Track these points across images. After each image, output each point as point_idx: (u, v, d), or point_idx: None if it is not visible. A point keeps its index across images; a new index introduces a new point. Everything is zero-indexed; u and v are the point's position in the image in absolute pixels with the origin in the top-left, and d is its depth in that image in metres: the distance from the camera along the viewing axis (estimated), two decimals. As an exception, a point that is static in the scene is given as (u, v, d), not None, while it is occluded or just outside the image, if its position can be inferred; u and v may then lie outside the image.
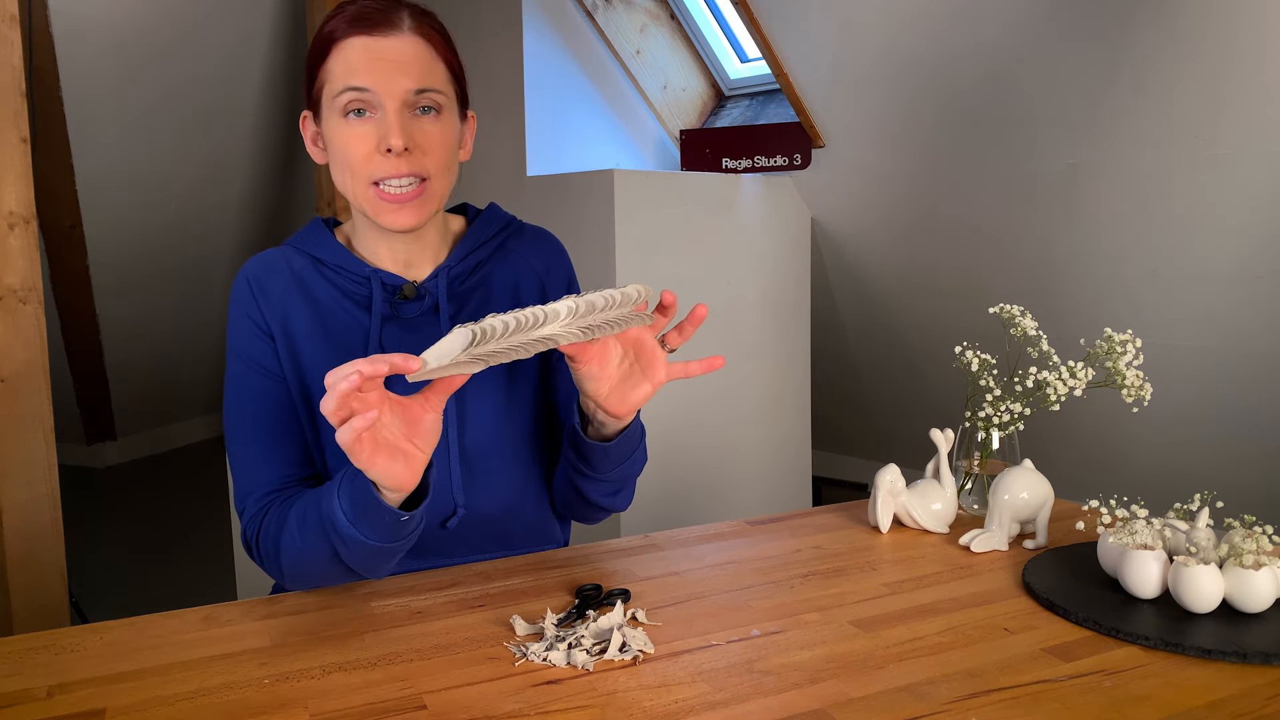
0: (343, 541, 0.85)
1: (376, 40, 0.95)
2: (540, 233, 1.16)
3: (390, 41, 0.95)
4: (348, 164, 0.97)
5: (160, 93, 3.60)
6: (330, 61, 0.96)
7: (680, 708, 0.74)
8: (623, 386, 0.92)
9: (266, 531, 0.95)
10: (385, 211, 0.98)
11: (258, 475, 0.99)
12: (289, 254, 1.06)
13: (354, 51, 0.95)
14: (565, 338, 0.83)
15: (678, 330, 0.91)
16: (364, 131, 0.96)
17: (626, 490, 1.08)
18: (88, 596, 2.59)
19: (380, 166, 0.96)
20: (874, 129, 2.83)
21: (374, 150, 0.96)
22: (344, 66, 0.95)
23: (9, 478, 1.81)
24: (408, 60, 0.95)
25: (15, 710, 0.74)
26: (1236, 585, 0.88)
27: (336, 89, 0.96)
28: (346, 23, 0.96)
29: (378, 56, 0.95)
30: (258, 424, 1.00)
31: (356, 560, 0.87)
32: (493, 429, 1.05)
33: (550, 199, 2.78)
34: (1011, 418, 1.19)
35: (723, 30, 3.38)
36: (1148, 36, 2.14)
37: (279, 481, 0.99)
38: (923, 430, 1.23)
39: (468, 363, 0.78)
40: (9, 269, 1.80)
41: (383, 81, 0.94)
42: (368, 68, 0.94)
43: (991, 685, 0.77)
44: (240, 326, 1.02)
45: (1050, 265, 2.67)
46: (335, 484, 0.86)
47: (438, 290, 1.05)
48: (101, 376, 4.08)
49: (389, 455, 0.78)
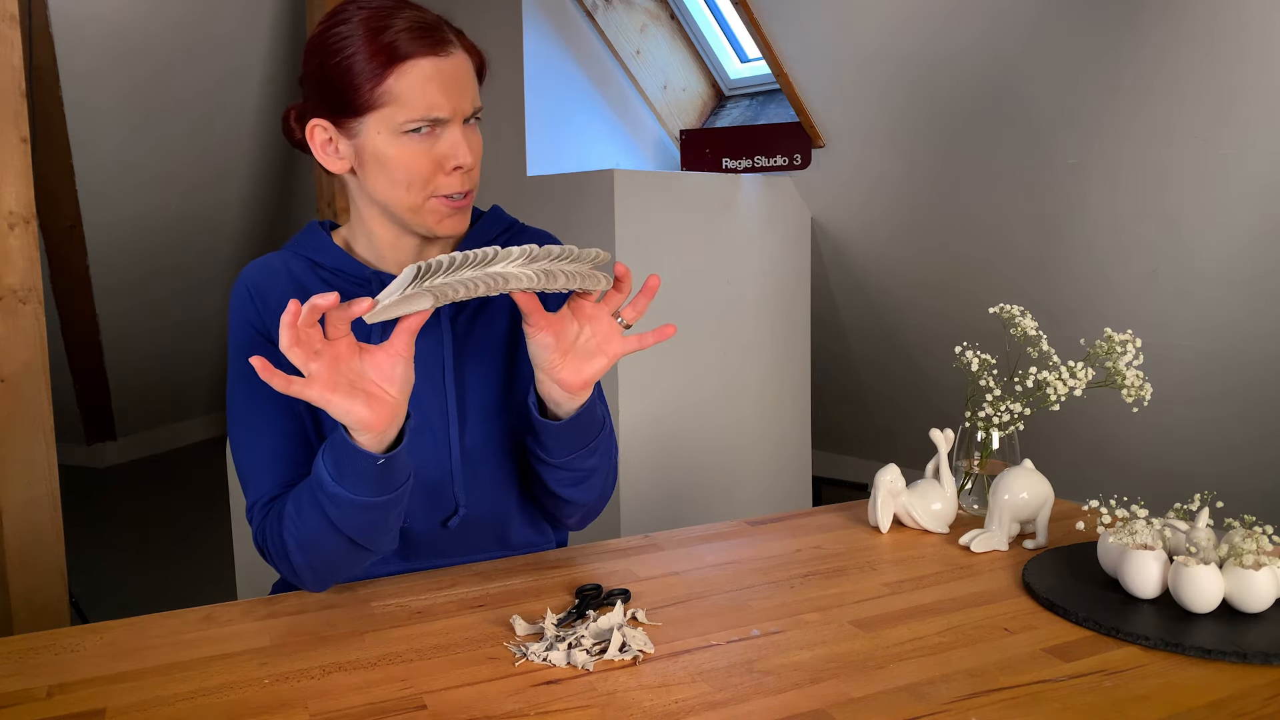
0: (332, 502, 0.87)
1: (444, 61, 0.94)
2: (542, 235, 1.16)
3: (453, 61, 0.95)
4: (409, 179, 0.96)
5: (160, 92, 3.59)
6: (395, 81, 0.93)
7: (680, 708, 0.74)
8: (577, 358, 0.94)
9: (272, 528, 0.95)
10: (445, 218, 0.99)
11: (264, 481, 0.99)
12: (287, 258, 1.06)
13: (426, 75, 0.93)
14: (521, 278, 0.84)
15: (632, 305, 0.93)
16: (426, 149, 0.95)
17: (590, 484, 1.05)
18: (88, 596, 2.59)
19: (444, 183, 0.97)
20: (874, 129, 2.83)
21: (435, 165, 0.96)
22: (417, 91, 0.93)
23: (9, 478, 1.81)
24: (465, 80, 0.96)
25: (15, 710, 0.74)
26: (1236, 585, 0.88)
27: (411, 115, 0.93)
28: (409, 40, 0.93)
29: (448, 80, 0.94)
30: (261, 429, 1.00)
31: (352, 524, 0.88)
32: (494, 428, 1.05)
33: (550, 199, 2.78)
34: (1011, 418, 1.19)
35: (723, 30, 3.38)
36: (1149, 36, 2.14)
37: (284, 485, 0.99)
38: (923, 430, 1.23)
39: (420, 295, 0.79)
40: (9, 269, 1.80)
41: (455, 104, 0.95)
42: (443, 94, 0.94)
43: (991, 685, 0.77)
44: (241, 333, 1.02)
45: (1051, 265, 2.67)
46: (320, 450, 0.88)
47: None
48: (101, 376, 4.08)
49: (347, 394, 0.82)
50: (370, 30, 0.93)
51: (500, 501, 1.07)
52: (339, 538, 0.89)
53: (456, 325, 1.06)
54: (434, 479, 1.02)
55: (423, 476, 1.01)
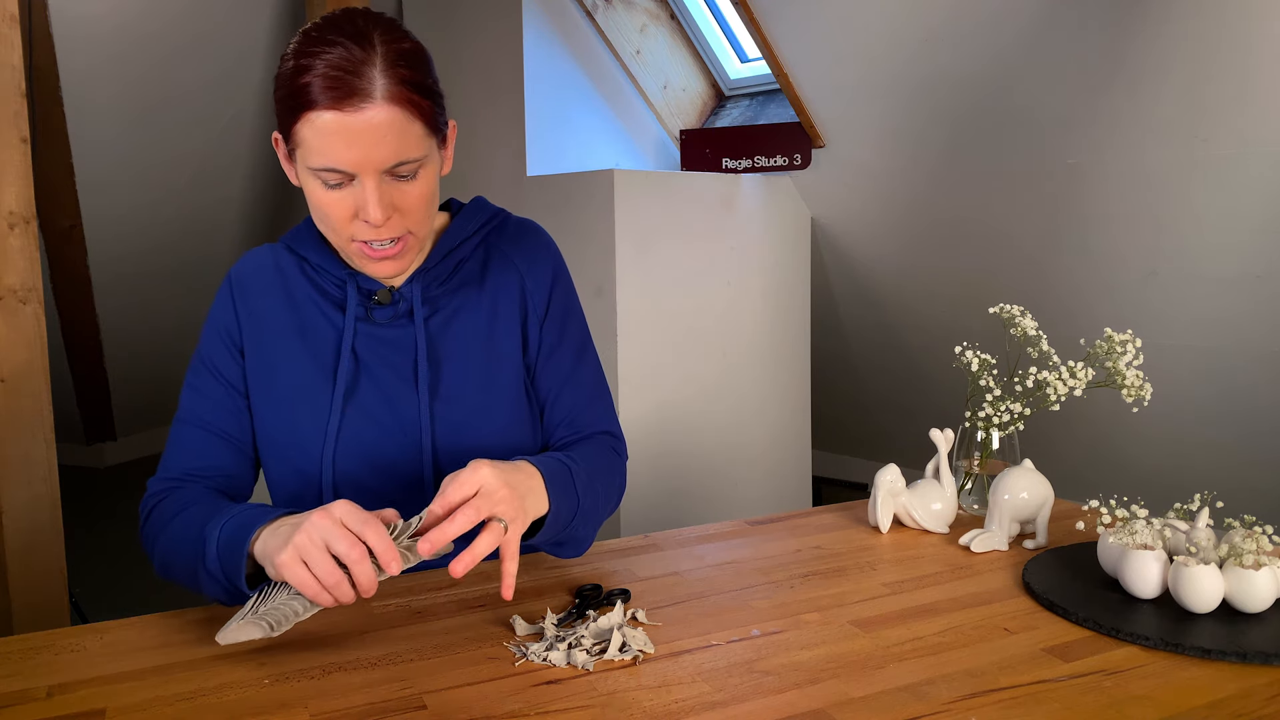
0: (204, 566, 0.88)
1: (349, 116, 0.88)
2: (524, 226, 1.13)
3: (363, 116, 0.88)
4: (327, 223, 0.96)
5: (160, 92, 3.59)
6: (302, 129, 0.90)
7: (680, 708, 0.74)
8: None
9: (159, 514, 0.98)
10: (369, 264, 0.99)
11: (179, 457, 1.03)
12: (278, 251, 1.08)
13: (327, 128, 0.89)
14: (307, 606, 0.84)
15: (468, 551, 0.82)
16: (341, 197, 0.93)
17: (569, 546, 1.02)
18: (88, 596, 2.59)
19: (360, 230, 0.95)
20: (874, 129, 2.83)
21: (351, 214, 0.94)
22: (318, 142, 0.90)
23: (9, 478, 1.81)
24: (384, 135, 0.89)
25: (15, 710, 0.74)
26: (1236, 585, 0.88)
27: (313, 163, 0.91)
28: (321, 89, 0.88)
29: (354, 135, 0.89)
30: (195, 416, 1.04)
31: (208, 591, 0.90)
32: (469, 431, 1.04)
33: (550, 199, 2.78)
34: (1011, 418, 1.18)
35: (723, 30, 3.38)
36: (1149, 36, 2.14)
37: (193, 471, 1.02)
38: (923, 430, 1.23)
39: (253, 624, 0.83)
40: (9, 269, 1.80)
41: (359, 160, 0.90)
42: (345, 147, 0.89)
43: (991, 685, 0.77)
44: (211, 332, 1.06)
45: (1050, 265, 2.67)
46: (225, 517, 0.88)
47: (413, 295, 1.05)
48: (101, 376, 4.08)
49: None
50: (295, 69, 0.90)
51: None
52: (194, 580, 0.91)
53: (430, 325, 1.05)
54: (407, 482, 1.02)
55: (396, 479, 1.02)
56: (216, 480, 1.03)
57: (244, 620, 0.81)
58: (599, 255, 2.60)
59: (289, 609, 0.83)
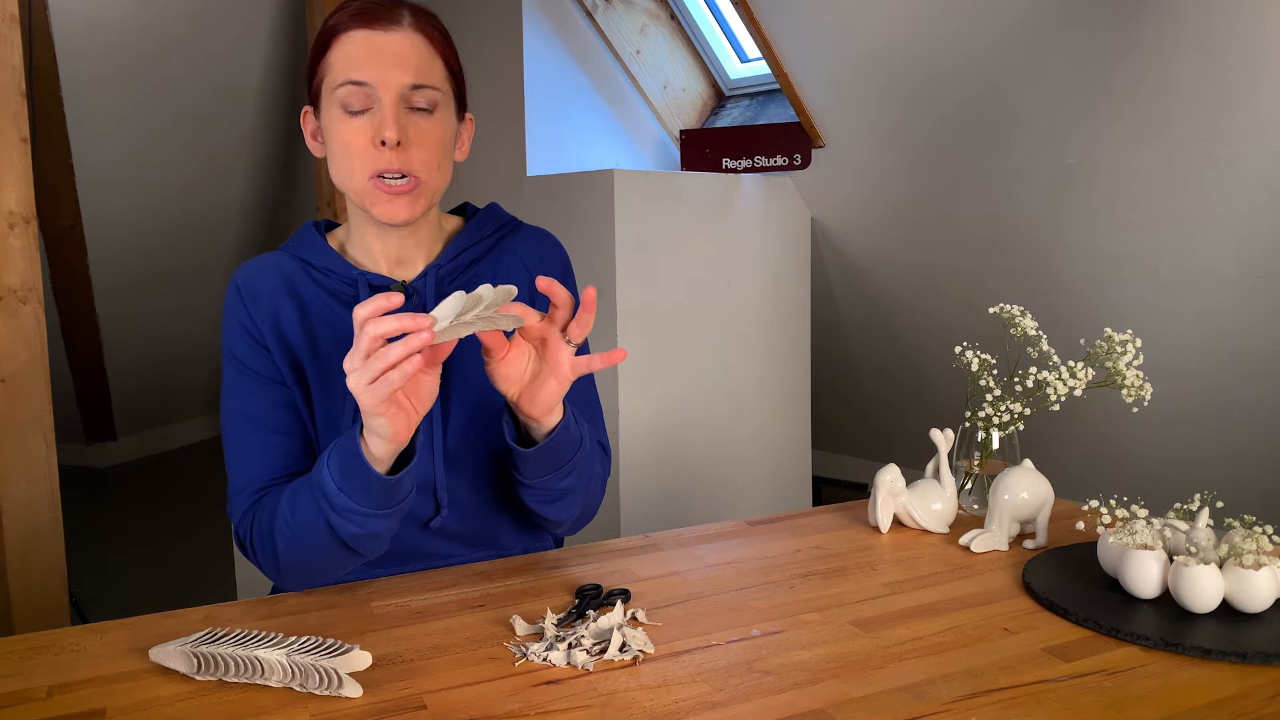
0: (335, 509, 0.88)
1: (376, 34, 0.96)
2: (538, 232, 1.16)
3: (390, 36, 0.97)
4: (346, 156, 0.98)
5: (160, 92, 3.59)
6: (331, 54, 0.98)
7: (680, 708, 0.74)
8: (532, 386, 0.92)
9: (260, 522, 0.96)
10: (380, 202, 0.99)
11: (249, 473, 1.00)
12: (280, 258, 1.07)
13: (354, 44, 0.97)
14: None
15: (576, 322, 0.90)
16: (361, 124, 0.97)
17: (567, 503, 1.03)
18: (88, 596, 2.59)
19: (376, 160, 0.97)
20: (874, 129, 2.83)
21: (370, 143, 0.97)
22: (344, 59, 0.97)
23: (9, 478, 1.81)
24: (406, 55, 0.97)
25: (15, 710, 0.74)
26: (1236, 585, 0.88)
27: (336, 81, 0.97)
28: (349, 17, 0.98)
29: (377, 49, 0.96)
30: (251, 423, 1.01)
31: (350, 531, 0.89)
32: (477, 430, 1.04)
33: (550, 199, 2.78)
34: (1011, 418, 1.19)
35: (723, 30, 3.38)
36: (1148, 36, 2.14)
37: (270, 479, 1.00)
38: (923, 430, 1.23)
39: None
40: (9, 269, 1.80)
41: (381, 74, 0.96)
42: (367, 60, 0.96)
43: (991, 685, 0.77)
44: (234, 333, 1.04)
45: (1050, 265, 2.67)
46: (324, 455, 0.89)
47: (425, 289, 1.05)
48: (101, 376, 4.08)
49: (397, 406, 0.83)
50: (329, 21, 0.99)
51: (485, 503, 1.06)
52: (333, 542, 0.90)
53: None
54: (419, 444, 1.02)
55: None
56: (295, 472, 1.01)
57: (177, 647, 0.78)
58: (599, 255, 2.61)
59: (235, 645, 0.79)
